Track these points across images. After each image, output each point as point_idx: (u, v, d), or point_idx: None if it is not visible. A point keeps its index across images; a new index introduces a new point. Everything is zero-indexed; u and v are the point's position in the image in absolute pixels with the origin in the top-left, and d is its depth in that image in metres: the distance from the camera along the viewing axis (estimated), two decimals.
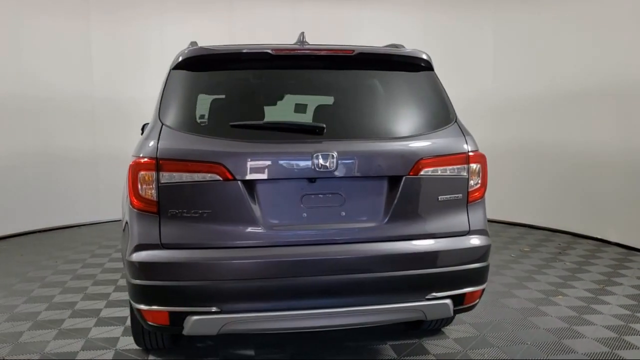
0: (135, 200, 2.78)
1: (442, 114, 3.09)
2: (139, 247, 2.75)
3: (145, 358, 3.53)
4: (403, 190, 2.85)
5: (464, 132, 3.06)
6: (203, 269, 2.70)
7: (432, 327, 3.92)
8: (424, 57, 3.16)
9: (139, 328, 3.44)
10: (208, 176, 2.72)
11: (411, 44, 3.53)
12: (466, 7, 8.24)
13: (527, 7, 7.62)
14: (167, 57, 8.30)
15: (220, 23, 8.53)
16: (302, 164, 2.75)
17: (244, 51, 2.99)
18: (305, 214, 2.80)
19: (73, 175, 8.17)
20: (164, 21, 8.53)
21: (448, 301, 2.92)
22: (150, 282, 2.73)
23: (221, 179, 2.72)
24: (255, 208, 2.75)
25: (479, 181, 3.04)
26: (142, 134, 5.16)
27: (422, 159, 2.88)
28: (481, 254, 2.99)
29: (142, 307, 2.79)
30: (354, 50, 3.00)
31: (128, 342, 3.75)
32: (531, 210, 7.70)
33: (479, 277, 3.01)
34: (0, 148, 7.38)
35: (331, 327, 2.99)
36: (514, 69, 7.77)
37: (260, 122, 2.89)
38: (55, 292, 4.90)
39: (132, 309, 3.40)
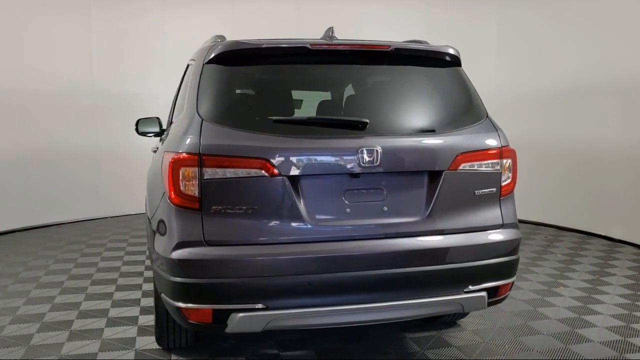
0: (175, 197, 2.73)
1: (474, 110, 3.14)
2: (181, 245, 2.70)
3: (168, 357, 3.46)
4: (443, 185, 2.89)
5: (496, 128, 3.11)
6: (248, 266, 2.67)
7: (449, 319, 3.98)
8: (455, 53, 3.19)
9: (163, 327, 3.38)
10: (253, 172, 2.69)
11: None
12: (469, 3, 8.28)
13: (530, 3, 7.67)
14: (169, 52, 8.44)
15: (223, 17, 8.47)
16: (347, 159, 2.74)
17: (281, 45, 2.96)
18: (348, 210, 2.80)
19: (73, 171, 8.02)
20: (165, 15, 8.47)
21: (484, 293, 2.97)
22: (194, 280, 2.68)
23: (266, 174, 2.69)
24: (300, 204, 2.73)
25: (510, 175, 3.11)
26: (137, 129, 5.08)
27: (460, 153, 2.92)
28: (514, 246, 3.06)
29: (183, 305, 2.73)
30: (390, 46, 3.01)
31: (146, 342, 3.67)
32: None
33: (511, 269, 3.07)
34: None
35: (375, 321, 3.01)
36: (517, 66, 7.81)
37: (304, 117, 2.87)
38: (54, 292, 4.75)
39: (157, 308, 3.35)
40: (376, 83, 3.15)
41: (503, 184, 3.07)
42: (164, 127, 5.25)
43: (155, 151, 4.13)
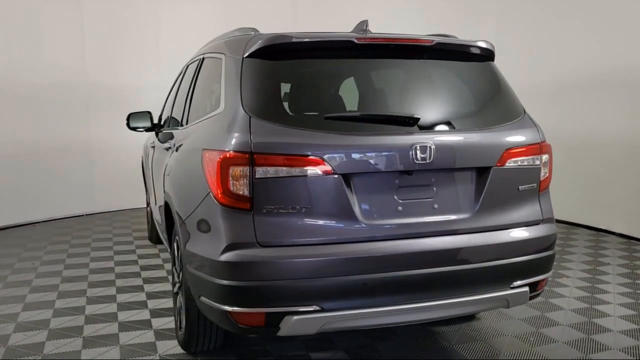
0: (224, 197, 2.62)
1: (513, 105, 3.14)
2: (232, 247, 2.59)
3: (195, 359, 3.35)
4: (491, 181, 2.88)
5: (534, 123, 3.12)
6: (303, 267, 2.59)
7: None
8: (491, 47, 3.18)
9: (194, 331, 3.24)
10: (307, 170, 2.60)
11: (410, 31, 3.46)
12: None
13: None
14: (163, 43, 8.33)
15: (217, 8, 8.31)
16: (401, 156, 2.69)
17: (326, 39, 2.88)
18: (400, 208, 2.75)
19: (65, 166, 7.78)
20: (159, 6, 8.26)
21: (527, 289, 2.99)
22: (247, 283, 2.59)
23: (320, 173, 2.61)
24: (353, 202, 2.67)
25: (547, 171, 3.13)
26: (128, 124, 4.92)
27: (507, 149, 2.91)
28: (552, 241, 3.09)
29: (233, 309, 2.64)
30: (433, 41, 2.97)
31: (168, 347, 3.53)
32: None
33: (550, 264, 3.10)
34: None
35: (427, 320, 2.98)
36: (518, 59, 7.62)
37: (357, 113, 2.80)
38: (52, 296, 4.51)
39: (187, 312, 3.21)
40: (418, 78, 3.10)
41: (542, 179, 3.09)
42: (155, 121, 5.11)
43: (168, 148, 3.95)
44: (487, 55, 3.20)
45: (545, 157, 3.10)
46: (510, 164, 2.93)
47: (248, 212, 2.61)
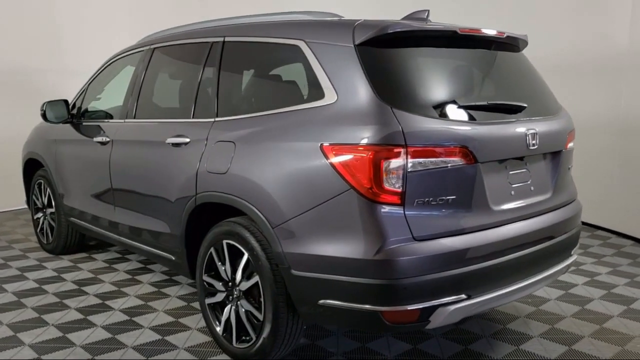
0: (373, 193, 2.53)
1: (552, 94, 3.50)
2: (388, 244, 2.51)
3: None
4: (561, 163, 3.24)
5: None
6: (455, 257, 2.64)
7: None
8: (527, 39, 3.48)
9: (279, 339, 2.98)
10: (453, 161, 2.63)
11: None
12: None
13: None
14: (60, 21, 6.95)
15: None
16: (520, 142, 2.90)
17: (435, 29, 2.90)
18: (512, 192, 2.94)
19: None
20: None
21: (576, 257, 3.43)
22: (407, 280, 2.53)
23: (464, 162, 2.66)
24: (486, 189, 2.78)
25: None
26: (43, 114, 4.34)
27: (569, 133, 3.30)
28: (581, 215, 3.57)
29: (387, 308, 2.56)
30: (504, 33, 3.16)
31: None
32: None
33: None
34: None
35: (529, 294, 3.21)
36: None
37: (485, 102, 2.87)
38: (5, 331, 3.65)
39: (275, 320, 2.94)
40: (499, 68, 3.27)
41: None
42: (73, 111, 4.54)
43: (177, 144, 3.46)
44: (524, 46, 3.50)
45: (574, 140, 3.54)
46: (569, 146, 3.32)
47: (399, 207, 2.54)
